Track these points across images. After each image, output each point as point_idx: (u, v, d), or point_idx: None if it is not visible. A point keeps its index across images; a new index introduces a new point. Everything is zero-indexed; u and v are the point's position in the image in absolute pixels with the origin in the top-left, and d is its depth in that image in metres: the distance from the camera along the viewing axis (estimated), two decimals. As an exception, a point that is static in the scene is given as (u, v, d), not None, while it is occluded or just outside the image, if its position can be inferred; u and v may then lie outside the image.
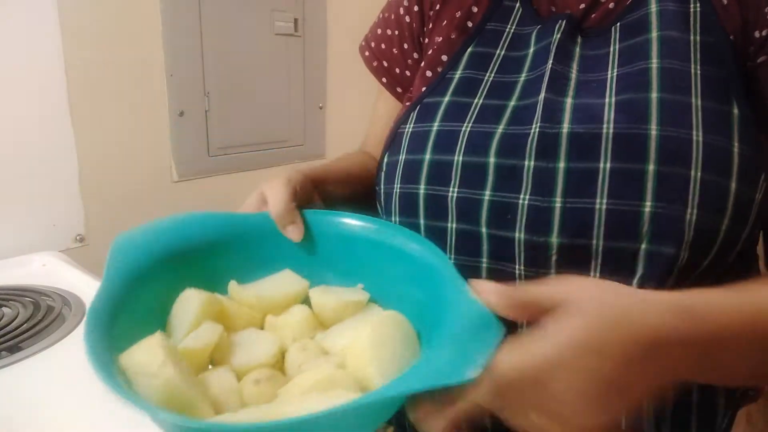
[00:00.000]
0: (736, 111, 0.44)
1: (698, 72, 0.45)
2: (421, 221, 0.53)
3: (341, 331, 0.47)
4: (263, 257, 0.52)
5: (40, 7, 0.96)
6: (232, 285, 0.50)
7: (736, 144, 0.44)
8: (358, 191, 0.65)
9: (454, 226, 0.51)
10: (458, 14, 0.58)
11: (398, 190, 0.54)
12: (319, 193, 0.59)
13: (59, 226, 1.06)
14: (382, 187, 0.57)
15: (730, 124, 0.44)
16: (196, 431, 0.35)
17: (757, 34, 0.45)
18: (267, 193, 0.53)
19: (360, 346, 0.40)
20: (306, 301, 0.51)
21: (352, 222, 0.53)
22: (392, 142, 0.57)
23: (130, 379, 0.37)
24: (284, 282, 0.52)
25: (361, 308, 0.50)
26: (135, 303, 0.43)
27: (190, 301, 0.46)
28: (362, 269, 0.51)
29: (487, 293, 0.37)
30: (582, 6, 0.53)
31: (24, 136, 0.98)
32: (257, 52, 1.31)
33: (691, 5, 0.47)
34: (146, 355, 0.37)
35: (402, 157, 0.55)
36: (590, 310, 0.33)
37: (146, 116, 1.15)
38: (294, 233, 0.52)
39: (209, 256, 0.51)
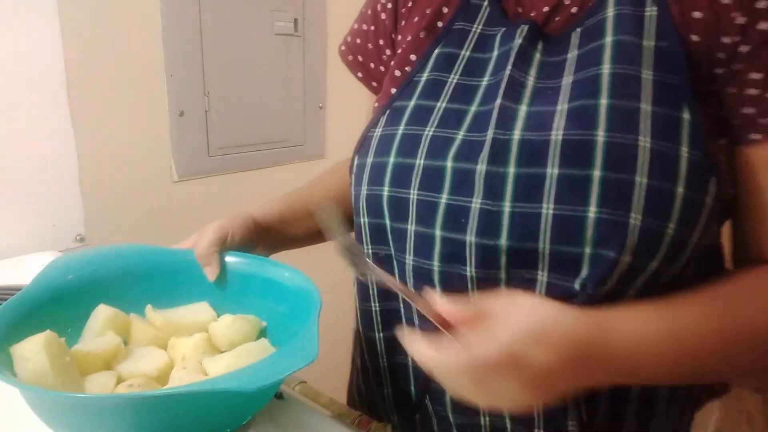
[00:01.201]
0: (686, 116, 0.44)
1: (649, 77, 0.45)
2: (387, 222, 0.55)
3: (222, 357, 0.55)
4: (188, 288, 0.63)
5: (40, 7, 0.96)
6: (148, 308, 0.60)
7: (685, 149, 0.44)
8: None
9: (413, 228, 0.52)
10: (428, 11, 0.59)
11: (365, 192, 0.56)
12: (273, 237, 0.67)
13: (59, 226, 1.06)
14: (353, 189, 0.59)
15: (680, 129, 0.44)
16: (41, 397, 0.44)
17: (725, 39, 0.44)
18: (198, 235, 0.62)
19: (224, 371, 0.50)
20: None
21: (244, 261, 0.63)
22: (362, 145, 0.59)
23: (14, 364, 0.46)
24: (194, 312, 0.61)
25: (254, 335, 0.59)
26: (48, 315, 0.53)
27: (99, 314, 0.56)
28: (259, 302, 0.61)
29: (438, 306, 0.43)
30: (546, 9, 0.53)
31: (24, 136, 0.98)
32: (257, 52, 1.31)
33: (647, 9, 0.47)
34: (28, 345, 0.46)
35: (370, 159, 0.56)
36: (529, 321, 0.41)
37: (146, 116, 1.15)
38: (208, 272, 0.61)
39: (140, 281, 0.61)
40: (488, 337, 0.40)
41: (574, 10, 0.51)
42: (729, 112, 0.46)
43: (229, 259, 0.63)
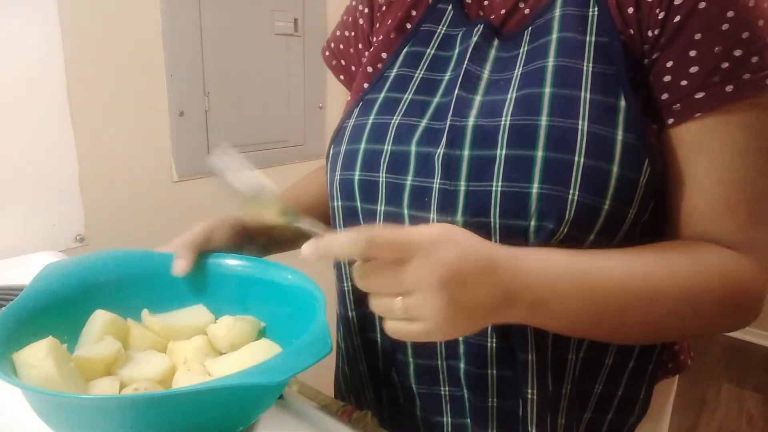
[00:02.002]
0: (623, 103, 0.49)
1: (590, 69, 0.50)
2: (358, 204, 0.59)
3: (226, 358, 0.55)
4: (182, 292, 0.62)
5: (40, 7, 0.96)
6: (144, 313, 0.59)
7: (620, 133, 0.49)
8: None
9: (383, 208, 0.57)
10: (399, 14, 0.64)
11: (338, 177, 0.60)
12: (261, 240, 0.68)
13: (59, 226, 1.06)
14: (328, 176, 0.63)
15: (616, 115, 0.49)
16: (47, 399, 0.43)
17: (649, 33, 0.50)
18: (181, 237, 0.63)
19: (230, 371, 0.49)
20: None
21: (242, 263, 0.63)
22: (337, 136, 0.63)
23: (18, 371, 0.45)
24: (191, 315, 0.61)
25: (254, 336, 0.59)
26: (46, 320, 0.52)
27: (97, 320, 0.56)
28: (257, 303, 0.61)
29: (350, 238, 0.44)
30: (503, 11, 0.58)
31: (24, 136, 0.98)
32: (257, 52, 1.31)
33: (590, 10, 0.52)
34: (32, 351, 0.46)
35: (343, 147, 0.60)
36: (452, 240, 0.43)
37: (146, 116, 1.15)
38: (177, 265, 0.60)
39: (129, 288, 0.60)
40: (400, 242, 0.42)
41: (527, 11, 0.57)
42: (654, 99, 0.51)
43: (225, 260, 0.63)
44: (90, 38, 1.04)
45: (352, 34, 0.71)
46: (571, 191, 0.48)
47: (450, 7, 0.61)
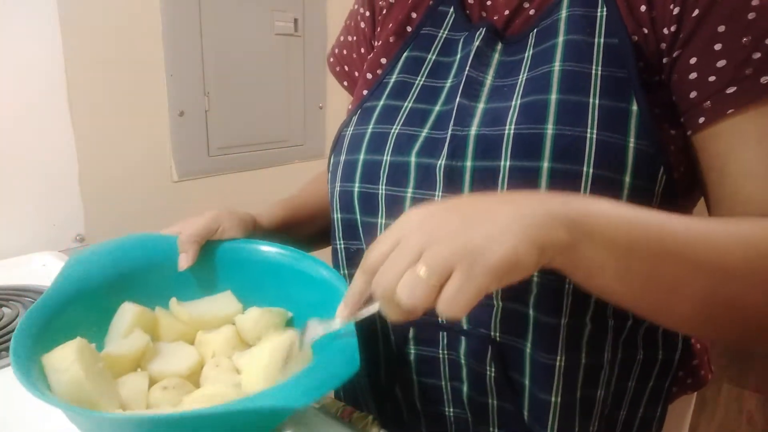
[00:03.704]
0: (635, 108, 0.46)
1: (599, 72, 0.47)
2: (357, 217, 0.57)
3: (253, 351, 0.54)
4: (210, 278, 0.61)
5: (40, 7, 0.96)
6: (172, 302, 0.58)
7: (632, 140, 0.45)
8: (307, 233, 0.72)
9: (384, 221, 0.55)
10: (399, 17, 0.62)
11: (338, 188, 0.58)
12: (275, 241, 0.65)
13: (59, 226, 1.06)
14: (329, 186, 0.62)
15: (627, 121, 0.46)
16: (75, 414, 0.42)
17: (665, 30, 0.47)
18: (188, 222, 0.61)
19: (255, 368, 0.49)
20: None
21: (276, 251, 0.61)
22: (336, 144, 0.62)
23: (47, 375, 0.44)
24: (219, 304, 0.60)
25: (281, 328, 0.58)
26: (74, 314, 0.51)
27: (125, 313, 0.55)
28: (285, 292, 0.59)
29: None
30: (507, 12, 0.55)
31: (24, 136, 0.98)
32: (257, 52, 1.31)
33: (598, 10, 0.49)
34: (60, 355, 0.45)
35: (342, 157, 0.59)
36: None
37: (146, 116, 1.15)
38: (181, 260, 0.59)
39: (155, 274, 0.59)
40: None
41: (531, 12, 0.54)
42: (678, 100, 0.48)
43: (255, 246, 0.62)
44: (90, 38, 1.04)
45: (354, 38, 0.69)
46: None
47: (451, 10, 0.59)
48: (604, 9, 0.49)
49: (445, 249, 0.35)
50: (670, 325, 0.44)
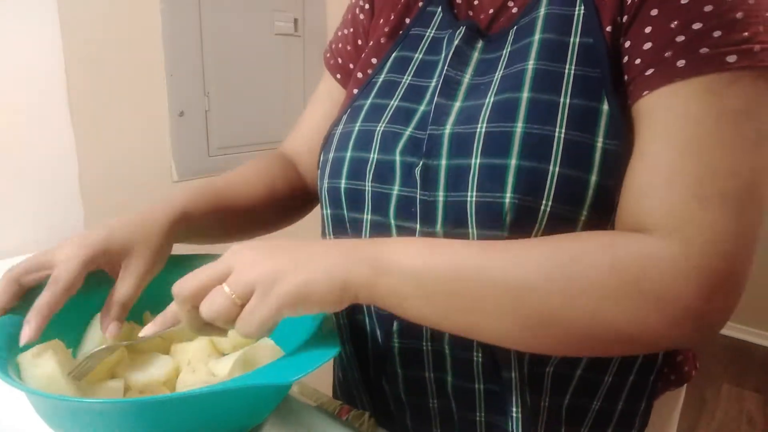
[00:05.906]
0: (605, 107, 0.46)
1: (572, 71, 0.47)
2: (345, 213, 0.58)
3: (229, 359, 0.54)
4: None
5: (40, 7, 0.96)
6: (146, 315, 0.59)
7: (600, 140, 0.46)
8: (234, 225, 0.73)
9: (369, 217, 0.56)
10: (391, 18, 0.62)
11: (327, 185, 0.60)
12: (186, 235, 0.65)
13: (59, 226, 1.06)
14: (318, 183, 0.63)
15: (597, 120, 0.46)
16: (45, 401, 0.43)
17: (620, 20, 0.47)
18: (58, 256, 0.51)
19: (231, 371, 0.50)
20: None
21: None
22: (326, 143, 0.63)
23: (22, 373, 0.45)
24: None
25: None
26: (50, 322, 0.50)
27: (98, 323, 0.54)
28: None
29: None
30: (491, 11, 0.56)
31: (24, 136, 0.98)
32: (257, 52, 1.31)
33: (576, 9, 0.49)
34: (36, 353, 0.46)
35: (331, 155, 0.60)
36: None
37: (146, 116, 1.15)
38: (23, 334, 0.47)
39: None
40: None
41: (514, 10, 0.54)
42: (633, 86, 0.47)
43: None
44: (90, 38, 1.04)
45: (351, 30, 0.69)
46: (544, 201, 0.46)
47: (439, 10, 0.59)
48: (582, 8, 0.49)
49: (250, 273, 0.42)
50: (499, 344, 0.45)
